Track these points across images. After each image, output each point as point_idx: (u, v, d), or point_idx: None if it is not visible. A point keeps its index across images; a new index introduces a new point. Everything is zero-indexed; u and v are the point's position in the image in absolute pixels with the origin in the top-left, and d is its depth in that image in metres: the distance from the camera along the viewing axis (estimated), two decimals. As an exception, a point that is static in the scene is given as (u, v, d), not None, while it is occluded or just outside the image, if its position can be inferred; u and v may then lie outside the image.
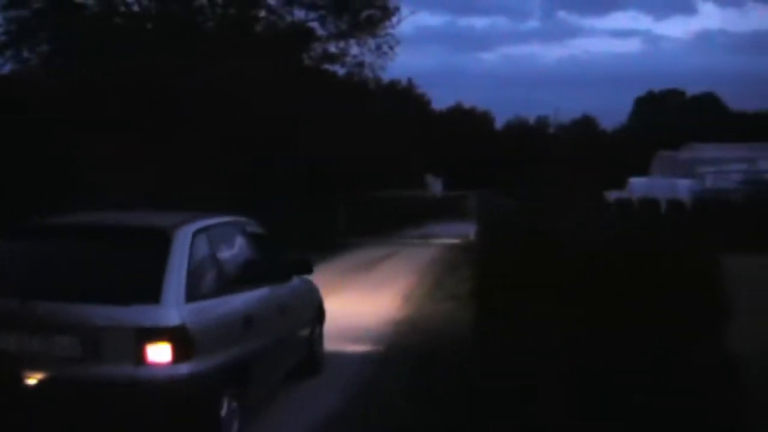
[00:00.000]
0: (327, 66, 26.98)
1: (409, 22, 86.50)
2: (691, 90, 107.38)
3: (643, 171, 66.44)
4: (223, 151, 19.37)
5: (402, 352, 10.88)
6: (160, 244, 6.49)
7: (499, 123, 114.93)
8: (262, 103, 19.02)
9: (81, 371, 5.97)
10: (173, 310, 6.19)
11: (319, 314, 10.39)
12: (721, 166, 50.11)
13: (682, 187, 48.29)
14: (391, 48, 25.68)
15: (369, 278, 20.61)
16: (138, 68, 18.54)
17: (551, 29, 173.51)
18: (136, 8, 23.11)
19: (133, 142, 17.13)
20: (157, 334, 6.02)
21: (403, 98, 63.44)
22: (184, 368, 6.07)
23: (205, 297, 6.74)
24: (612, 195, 59.47)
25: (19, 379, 5.95)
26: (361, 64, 26.25)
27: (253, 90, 18.89)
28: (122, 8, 23.14)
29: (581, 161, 60.39)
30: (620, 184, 62.51)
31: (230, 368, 6.64)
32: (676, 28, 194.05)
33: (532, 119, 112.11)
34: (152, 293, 6.18)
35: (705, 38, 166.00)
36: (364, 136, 31.01)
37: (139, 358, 5.98)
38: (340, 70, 27.53)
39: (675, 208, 32.36)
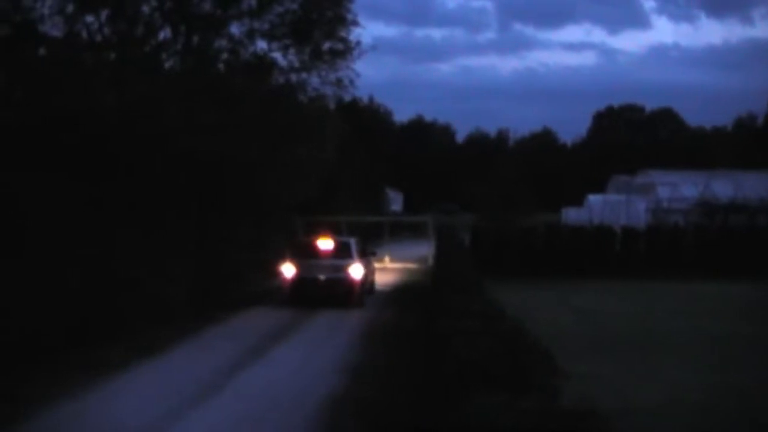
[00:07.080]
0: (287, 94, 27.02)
1: (365, 33, 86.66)
2: (650, 105, 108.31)
3: (600, 187, 66.87)
4: (174, 192, 19.69)
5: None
6: (349, 243, 23.80)
7: (460, 136, 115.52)
8: (213, 147, 19.37)
9: (335, 275, 22.86)
10: (357, 260, 23.18)
11: (374, 270, 26.66)
12: (676, 188, 51.08)
13: (639, 206, 49.26)
14: (351, 82, 25.81)
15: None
16: (91, 108, 18.53)
17: (508, 41, 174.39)
18: (98, 38, 22.96)
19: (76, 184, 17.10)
20: (353, 265, 22.97)
21: (365, 115, 63.52)
22: (361, 276, 23.13)
23: (361, 258, 23.82)
24: (570, 213, 60.06)
25: (318, 278, 22.81)
26: (321, 96, 26.39)
27: (204, 135, 19.25)
28: (85, 37, 22.97)
29: (539, 178, 61.03)
30: (579, 201, 63.19)
31: (365, 278, 23.87)
32: (631, 42, 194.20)
33: (492, 132, 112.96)
34: (350, 256, 23.22)
35: (659, 52, 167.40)
36: (323, 163, 31.21)
37: (348, 272, 22.95)
38: (302, 98, 27.57)
39: (629, 239, 32.85)
